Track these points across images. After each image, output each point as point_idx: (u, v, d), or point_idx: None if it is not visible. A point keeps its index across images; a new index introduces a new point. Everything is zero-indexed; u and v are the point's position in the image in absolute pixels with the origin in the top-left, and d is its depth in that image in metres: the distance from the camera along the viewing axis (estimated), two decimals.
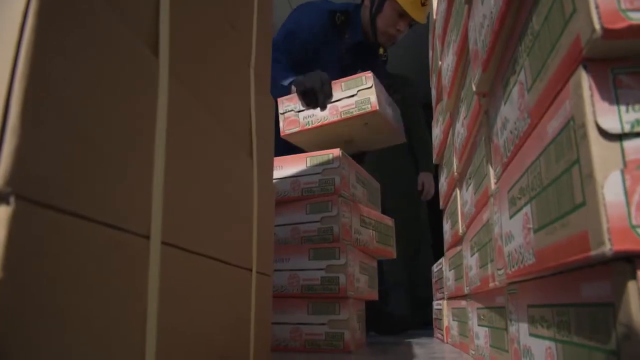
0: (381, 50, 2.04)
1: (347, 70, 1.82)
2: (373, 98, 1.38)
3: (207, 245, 0.54)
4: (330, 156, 1.33)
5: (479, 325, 0.92)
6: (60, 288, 0.30)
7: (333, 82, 1.44)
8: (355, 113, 1.40)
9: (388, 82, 2.48)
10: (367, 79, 1.40)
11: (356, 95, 1.41)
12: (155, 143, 0.43)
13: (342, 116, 1.42)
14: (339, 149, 1.33)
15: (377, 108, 1.37)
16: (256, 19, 0.80)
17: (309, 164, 1.36)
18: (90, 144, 0.34)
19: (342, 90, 1.43)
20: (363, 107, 1.39)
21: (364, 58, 1.93)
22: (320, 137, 1.50)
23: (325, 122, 1.43)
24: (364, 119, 1.42)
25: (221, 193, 0.59)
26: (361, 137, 1.54)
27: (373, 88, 1.39)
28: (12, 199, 0.27)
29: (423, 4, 1.81)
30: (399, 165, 2.71)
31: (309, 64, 1.70)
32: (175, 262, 0.46)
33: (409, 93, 2.64)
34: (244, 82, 0.73)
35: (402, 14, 1.83)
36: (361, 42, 1.90)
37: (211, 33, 0.60)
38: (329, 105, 1.43)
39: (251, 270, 0.70)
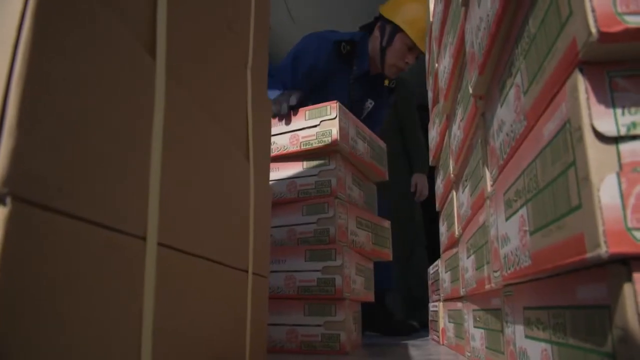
0: (386, 82, 2.06)
1: (355, 101, 1.84)
2: (335, 130, 1.30)
3: (204, 246, 0.54)
4: (327, 158, 1.33)
5: (474, 327, 0.92)
6: (57, 289, 0.30)
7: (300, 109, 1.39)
8: (314, 145, 1.33)
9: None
10: (332, 109, 1.33)
11: (318, 125, 1.34)
12: (152, 144, 0.43)
13: (302, 147, 1.35)
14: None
15: (338, 142, 1.29)
16: (253, 21, 0.80)
17: (305, 166, 1.36)
18: (87, 145, 0.34)
19: (306, 120, 1.36)
20: (324, 139, 1.31)
21: (371, 89, 1.94)
22: None
23: (285, 151, 1.38)
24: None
25: (218, 194, 0.59)
26: None
27: (336, 120, 1.31)
28: (8, 200, 0.26)
29: None
30: (393, 167, 2.72)
31: (318, 94, 1.71)
32: (171, 263, 0.46)
33: (404, 94, 2.65)
34: (241, 83, 0.73)
35: (412, 47, 1.87)
36: (368, 73, 1.91)
37: (208, 34, 0.60)
38: (290, 134, 1.37)
39: (247, 271, 0.70)
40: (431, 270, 1.79)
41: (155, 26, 0.46)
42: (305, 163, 1.36)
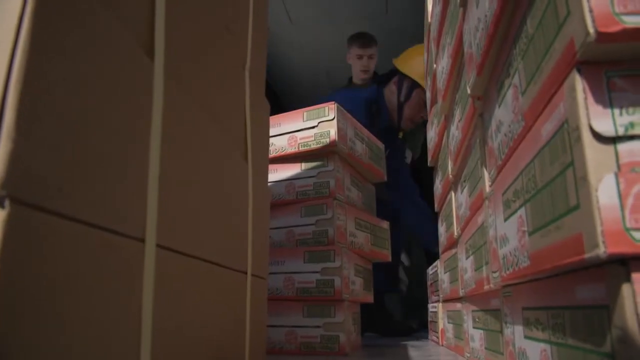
0: (400, 135, 2.09)
1: None
2: (333, 132, 1.31)
3: (203, 248, 0.54)
4: (325, 159, 1.33)
5: (474, 327, 0.92)
6: (57, 291, 0.30)
7: (295, 111, 1.39)
8: (312, 146, 1.33)
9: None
10: (330, 110, 1.33)
11: (317, 127, 1.34)
12: (151, 145, 0.43)
13: (300, 148, 1.35)
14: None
15: (336, 143, 1.30)
16: (251, 22, 0.80)
17: (303, 167, 1.36)
18: (86, 146, 0.34)
19: (304, 121, 1.37)
20: (322, 140, 1.31)
21: (386, 140, 1.94)
22: None
23: (283, 153, 1.38)
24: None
25: (216, 196, 0.59)
26: None
27: (335, 121, 1.31)
28: (7, 202, 0.26)
29: None
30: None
31: None
32: (170, 265, 0.46)
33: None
34: (239, 84, 0.73)
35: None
36: (387, 127, 1.94)
37: (207, 35, 0.60)
38: (288, 135, 1.38)
39: (246, 273, 0.69)
40: (430, 271, 1.79)
41: (154, 27, 0.46)
42: (303, 164, 1.36)
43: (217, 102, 0.63)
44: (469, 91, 0.72)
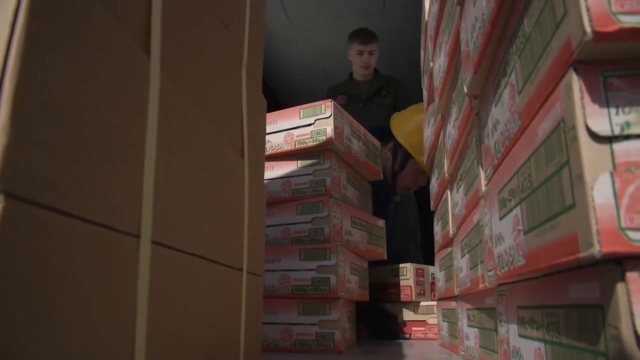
0: (397, 199, 2.08)
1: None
2: (330, 129, 1.31)
3: (198, 244, 0.54)
4: (321, 157, 1.33)
5: (468, 326, 0.92)
6: (50, 286, 0.30)
7: (291, 108, 1.39)
8: (309, 144, 1.33)
9: (380, 85, 2.53)
10: (326, 107, 1.33)
11: (313, 124, 1.34)
12: (146, 141, 0.43)
13: (296, 146, 1.35)
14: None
15: (333, 140, 1.30)
16: (249, 19, 0.79)
17: (300, 165, 1.35)
18: (80, 142, 0.33)
19: (300, 118, 1.36)
20: (318, 138, 1.32)
21: (380, 206, 1.91)
22: None
23: (279, 150, 1.38)
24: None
25: (212, 192, 0.59)
26: None
27: (331, 118, 1.31)
28: (1, 197, 0.26)
29: None
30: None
31: None
32: (165, 261, 0.46)
33: (401, 94, 2.66)
34: (236, 81, 0.73)
35: (423, 172, 1.91)
36: (380, 191, 1.90)
37: (203, 32, 0.60)
38: (284, 133, 1.37)
39: (242, 270, 0.69)
40: (431, 270, 1.79)
41: (150, 24, 0.46)
42: (299, 162, 1.36)
43: (214, 99, 0.62)
44: (465, 90, 0.72)
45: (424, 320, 1.67)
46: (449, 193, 1.14)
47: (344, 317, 1.26)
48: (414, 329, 1.69)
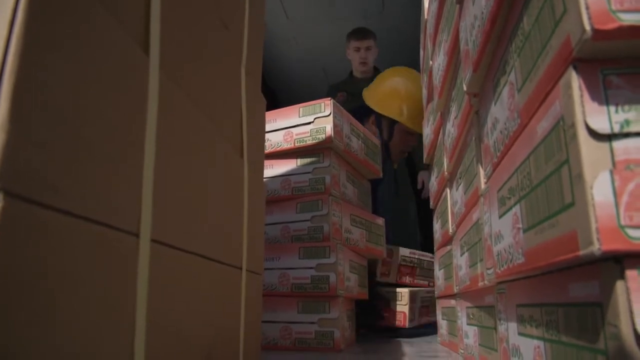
0: (395, 165, 2.14)
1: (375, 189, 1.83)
2: (329, 128, 1.30)
3: (197, 243, 0.54)
4: (321, 155, 1.33)
5: (468, 324, 0.93)
6: (50, 285, 0.30)
7: (291, 106, 1.40)
8: (308, 142, 1.33)
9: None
10: (326, 106, 1.33)
11: (312, 122, 1.34)
12: (146, 140, 0.43)
13: (296, 144, 1.35)
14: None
15: (332, 139, 1.30)
16: (248, 19, 0.79)
17: (299, 163, 1.35)
18: (80, 141, 0.33)
19: (300, 116, 1.36)
20: (318, 136, 1.31)
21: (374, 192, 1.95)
22: None
23: (279, 148, 1.38)
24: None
25: (211, 191, 0.59)
26: None
27: (331, 117, 1.31)
28: (0, 195, 0.26)
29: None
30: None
31: None
32: (164, 259, 0.46)
33: None
34: (235, 80, 0.73)
35: (410, 132, 1.98)
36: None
37: (203, 30, 0.60)
38: (284, 131, 1.37)
39: (241, 268, 0.69)
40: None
41: (149, 23, 0.45)
42: (299, 160, 1.36)
43: (213, 98, 0.62)
44: (465, 88, 0.72)
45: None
46: (448, 191, 1.14)
47: (344, 315, 1.26)
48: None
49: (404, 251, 1.83)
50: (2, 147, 0.26)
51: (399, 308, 1.69)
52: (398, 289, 1.71)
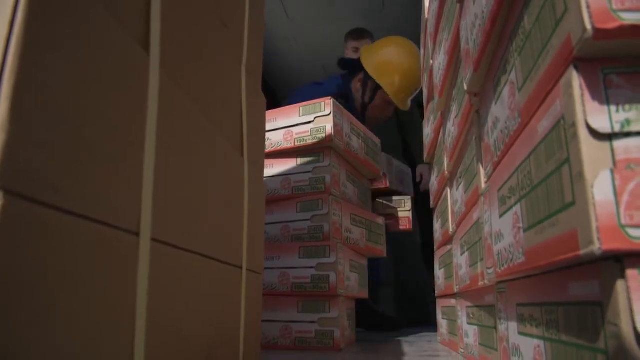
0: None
1: None
2: (329, 127, 1.31)
3: (198, 242, 0.54)
4: (321, 155, 1.33)
5: (468, 323, 0.93)
6: (50, 284, 0.30)
7: (291, 106, 1.40)
8: (308, 141, 1.33)
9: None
10: (326, 105, 1.33)
11: (313, 122, 1.34)
12: (146, 139, 0.43)
13: (296, 143, 1.35)
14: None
15: (332, 138, 1.30)
16: (248, 17, 0.79)
17: (299, 162, 1.35)
18: (80, 140, 0.33)
19: (300, 116, 1.37)
20: (318, 135, 1.31)
21: None
22: None
23: (279, 148, 1.38)
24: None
25: (212, 190, 0.59)
26: None
27: (331, 116, 1.31)
28: (0, 194, 0.26)
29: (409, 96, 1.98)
30: None
31: None
32: (165, 259, 0.46)
33: None
34: (235, 80, 0.73)
35: (390, 103, 2.01)
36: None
37: (203, 30, 0.60)
38: (284, 130, 1.38)
39: (241, 267, 0.69)
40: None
41: (150, 21, 0.45)
42: (299, 160, 1.36)
43: (214, 97, 0.62)
44: (465, 87, 0.72)
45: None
46: (448, 190, 1.14)
47: (344, 315, 1.26)
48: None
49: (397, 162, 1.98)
50: (2, 146, 0.26)
51: (402, 214, 1.88)
52: (400, 197, 1.88)
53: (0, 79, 0.27)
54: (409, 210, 1.87)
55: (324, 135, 1.31)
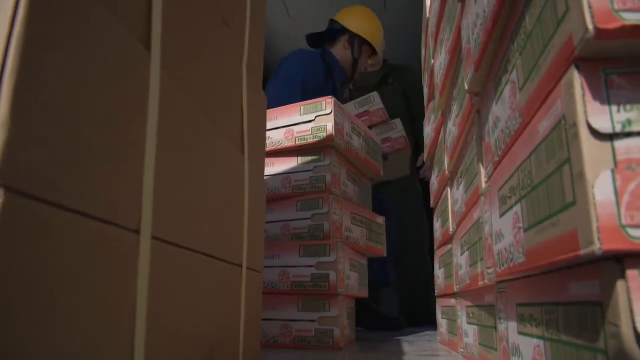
0: (350, 86, 2.32)
1: None
2: (330, 126, 1.31)
3: (198, 240, 0.54)
4: (322, 154, 1.33)
5: (468, 323, 0.93)
6: (50, 281, 0.30)
7: (292, 105, 1.41)
8: (309, 140, 1.33)
9: (386, 72, 2.59)
10: (327, 104, 1.34)
11: (314, 121, 1.35)
12: (147, 138, 0.43)
13: (297, 142, 1.36)
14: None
15: (333, 137, 1.31)
16: (249, 16, 0.79)
17: (300, 161, 1.35)
18: (80, 138, 0.33)
19: (301, 115, 1.37)
20: (319, 134, 1.32)
21: (341, 95, 2.17)
22: None
23: (280, 146, 1.38)
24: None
25: (212, 189, 0.59)
26: None
27: (332, 115, 1.32)
28: (1, 192, 0.26)
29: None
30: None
31: None
32: (165, 257, 0.46)
33: (410, 82, 2.68)
34: (236, 78, 0.73)
35: (371, 55, 2.19)
36: (344, 81, 2.15)
37: (204, 28, 0.60)
38: (285, 129, 1.39)
39: (242, 266, 0.69)
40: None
41: (151, 19, 0.45)
42: (300, 158, 1.36)
43: (215, 96, 0.62)
44: (466, 87, 0.71)
45: None
46: (449, 190, 1.14)
47: (344, 314, 1.26)
48: None
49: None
50: (3, 144, 0.26)
51: (396, 135, 2.04)
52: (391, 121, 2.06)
53: (1, 78, 0.27)
54: (401, 130, 2.03)
55: (325, 134, 1.31)
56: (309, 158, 1.34)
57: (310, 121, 1.34)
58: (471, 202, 0.81)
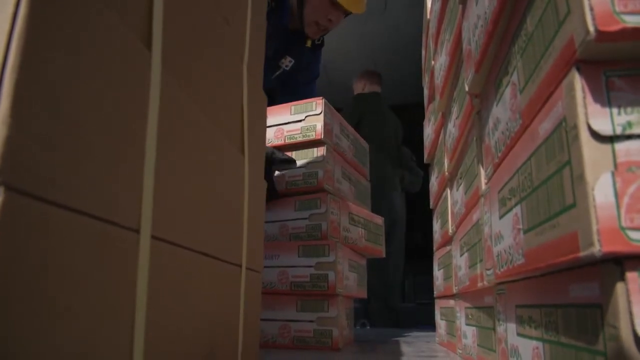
0: (308, 43, 1.83)
1: (268, 59, 1.60)
2: (319, 126, 1.33)
3: (197, 240, 0.54)
4: (315, 149, 1.34)
5: (467, 324, 0.93)
6: (50, 280, 0.30)
7: (283, 104, 1.41)
8: (298, 139, 1.35)
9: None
10: (317, 104, 1.36)
11: (303, 120, 1.36)
12: (147, 137, 0.43)
13: (286, 141, 1.38)
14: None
15: (322, 137, 1.32)
16: (250, 15, 0.79)
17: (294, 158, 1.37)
18: (81, 136, 0.33)
19: (291, 114, 1.39)
20: (308, 134, 1.34)
21: (290, 47, 1.79)
22: None
23: (269, 145, 1.40)
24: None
25: (212, 188, 0.59)
26: None
27: (321, 115, 1.34)
28: (1, 190, 0.26)
29: None
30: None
31: None
32: (164, 256, 0.46)
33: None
34: (236, 77, 0.73)
35: (335, 3, 1.66)
36: (286, 28, 1.73)
37: (205, 27, 0.60)
38: (275, 128, 1.40)
39: (241, 266, 0.69)
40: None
41: (152, 18, 0.45)
42: (293, 154, 1.37)
43: (215, 95, 0.62)
44: (466, 89, 0.72)
45: None
46: (448, 191, 1.14)
47: (343, 314, 1.26)
48: None
49: None
50: (3, 142, 0.26)
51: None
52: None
53: (2, 75, 0.27)
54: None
55: (313, 134, 1.32)
56: (304, 155, 1.35)
57: (300, 120, 1.35)
58: (471, 203, 0.81)
